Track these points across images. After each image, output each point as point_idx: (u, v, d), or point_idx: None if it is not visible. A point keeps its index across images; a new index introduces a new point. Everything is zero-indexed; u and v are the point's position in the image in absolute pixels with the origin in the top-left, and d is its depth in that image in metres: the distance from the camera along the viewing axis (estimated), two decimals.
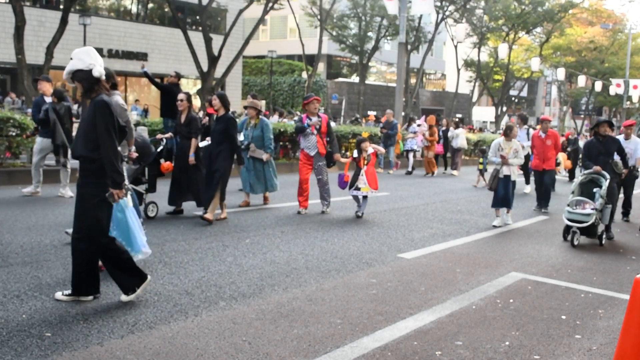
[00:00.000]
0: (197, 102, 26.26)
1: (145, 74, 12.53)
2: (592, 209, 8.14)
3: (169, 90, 12.87)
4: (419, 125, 18.77)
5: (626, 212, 10.95)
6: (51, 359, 3.70)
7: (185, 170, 8.67)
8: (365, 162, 9.42)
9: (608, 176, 8.52)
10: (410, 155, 18.53)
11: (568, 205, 8.37)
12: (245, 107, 9.98)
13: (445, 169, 19.39)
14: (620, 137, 10.43)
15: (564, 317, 5.09)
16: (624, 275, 6.75)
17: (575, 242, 8.10)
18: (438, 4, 37.91)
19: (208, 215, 8.13)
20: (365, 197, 9.47)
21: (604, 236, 8.39)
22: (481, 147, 17.68)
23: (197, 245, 6.85)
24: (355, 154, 9.54)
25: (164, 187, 9.07)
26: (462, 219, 9.86)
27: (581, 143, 18.28)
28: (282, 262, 6.34)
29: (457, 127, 18.34)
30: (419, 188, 14.12)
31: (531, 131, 13.55)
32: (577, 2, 45.23)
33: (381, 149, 9.54)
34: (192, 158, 8.59)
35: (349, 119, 32.43)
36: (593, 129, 9.21)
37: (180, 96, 8.83)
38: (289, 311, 4.79)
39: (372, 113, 34.21)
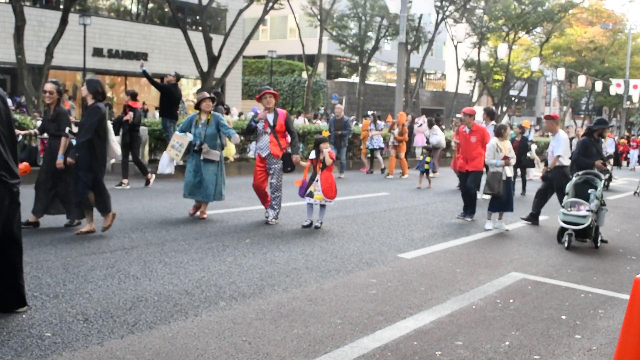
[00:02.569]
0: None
1: (144, 74, 12.54)
2: (588, 210, 8.07)
3: (167, 90, 12.88)
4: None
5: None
6: (51, 359, 3.70)
7: (54, 174, 7.29)
8: (322, 165, 8.30)
9: (603, 177, 8.48)
10: (378, 153, 17.59)
11: (563, 206, 8.25)
12: (199, 102, 8.64)
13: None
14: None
15: (564, 317, 5.09)
16: (624, 275, 6.75)
17: (570, 244, 7.98)
18: (438, 4, 37.89)
19: (84, 229, 7.07)
20: (322, 206, 8.39)
21: (599, 238, 8.28)
22: (427, 145, 15.88)
23: (197, 245, 6.85)
24: (312, 156, 8.42)
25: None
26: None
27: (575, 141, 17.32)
28: (282, 262, 6.34)
29: (431, 124, 16.89)
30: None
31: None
32: (577, 2, 45.22)
33: (329, 156, 8.31)
34: (60, 160, 7.14)
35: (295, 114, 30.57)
36: (596, 130, 9.07)
37: (48, 87, 7.26)
38: (289, 311, 4.79)
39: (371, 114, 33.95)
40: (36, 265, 5.66)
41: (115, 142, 7.33)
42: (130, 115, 11.22)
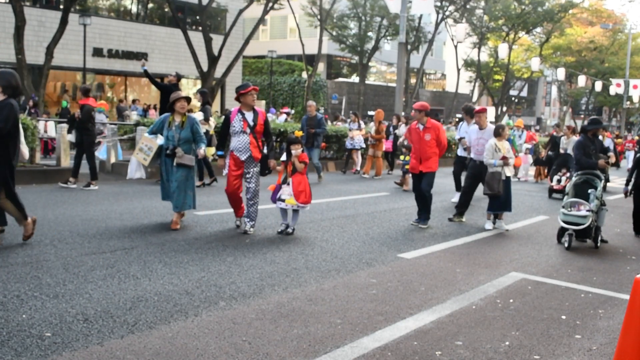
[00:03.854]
0: (197, 102, 26.25)
1: (145, 73, 12.54)
2: (588, 210, 8.07)
3: (168, 90, 12.86)
4: None
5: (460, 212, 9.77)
6: (51, 359, 3.70)
7: None
8: (293, 168, 7.73)
9: (602, 177, 8.49)
10: (357, 154, 17.10)
11: (563, 207, 8.25)
12: (174, 102, 7.91)
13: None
14: (474, 127, 9.90)
15: (564, 317, 5.09)
16: (624, 275, 6.75)
17: (571, 244, 7.99)
18: (438, 4, 37.91)
19: None
20: (295, 211, 7.81)
21: (599, 238, 8.29)
22: (404, 144, 14.57)
23: (197, 245, 6.85)
24: (284, 157, 7.86)
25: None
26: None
27: (564, 140, 16.20)
28: (282, 262, 6.34)
29: (407, 123, 16.32)
30: None
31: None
32: (577, 2, 45.26)
33: (298, 161, 7.70)
34: None
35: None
36: (589, 130, 9.10)
37: None
38: (289, 311, 4.79)
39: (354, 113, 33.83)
40: (36, 265, 5.66)
41: (24, 144, 6.61)
42: (78, 113, 11.19)
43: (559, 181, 13.83)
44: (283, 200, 7.69)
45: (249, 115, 7.61)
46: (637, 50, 52.12)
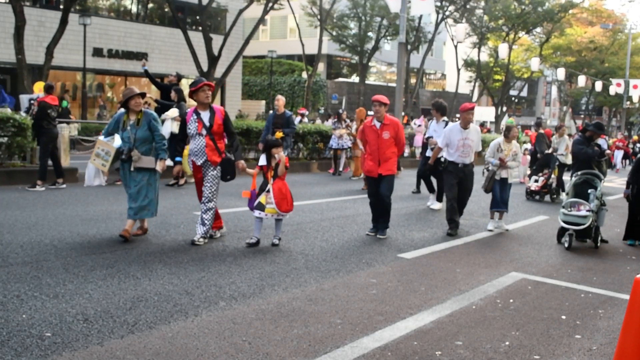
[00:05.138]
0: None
1: (146, 73, 12.55)
2: (588, 210, 8.08)
3: (168, 90, 12.88)
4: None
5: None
6: (51, 359, 3.70)
7: None
8: (274, 173, 7.00)
9: (602, 177, 8.53)
10: (343, 154, 16.69)
11: (563, 207, 8.27)
12: (127, 99, 6.89)
13: None
14: (455, 125, 8.87)
15: (564, 317, 5.09)
16: (624, 275, 6.76)
17: (571, 245, 7.99)
18: (438, 4, 37.93)
19: None
20: (278, 220, 7.11)
21: (599, 238, 8.30)
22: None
23: (197, 245, 6.85)
24: (263, 161, 7.09)
25: None
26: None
27: (556, 140, 15.60)
28: (282, 262, 6.34)
29: (408, 123, 16.36)
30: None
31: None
32: (577, 2, 45.24)
33: (284, 165, 7.01)
34: None
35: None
36: (588, 131, 9.17)
37: None
38: (289, 311, 4.79)
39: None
40: (36, 265, 5.66)
41: None
42: (33, 110, 11.09)
43: (536, 181, 13.49)
44: (263, 209, 6.94)
45: (205, 115, 6.84)
46: (637, 50, 52.07)
